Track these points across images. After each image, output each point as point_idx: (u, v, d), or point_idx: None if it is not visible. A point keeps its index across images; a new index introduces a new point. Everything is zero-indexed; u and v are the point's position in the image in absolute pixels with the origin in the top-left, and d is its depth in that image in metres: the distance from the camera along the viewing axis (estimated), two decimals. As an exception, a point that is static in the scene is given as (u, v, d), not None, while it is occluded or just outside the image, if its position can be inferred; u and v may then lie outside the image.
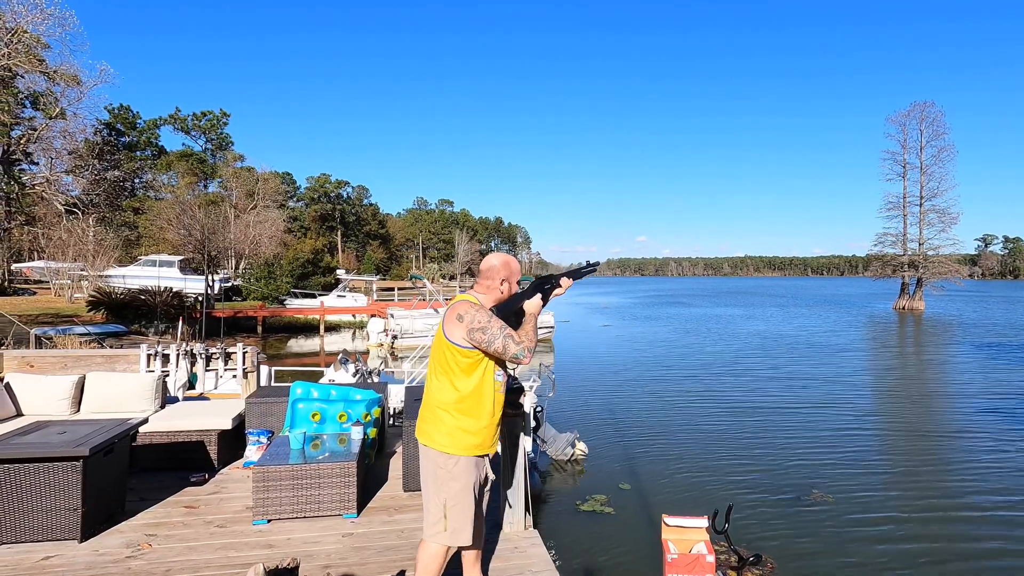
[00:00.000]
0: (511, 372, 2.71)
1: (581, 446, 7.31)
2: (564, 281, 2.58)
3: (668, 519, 3.52)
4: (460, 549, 2.57)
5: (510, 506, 3.42)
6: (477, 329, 2.30)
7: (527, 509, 3.52)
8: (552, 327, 22.31)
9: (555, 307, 27.49)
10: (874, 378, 14.99)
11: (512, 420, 3.41)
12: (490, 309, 2.41)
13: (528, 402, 5.13)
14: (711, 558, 3.30)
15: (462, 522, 2.39)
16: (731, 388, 12.82)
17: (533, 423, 6.16)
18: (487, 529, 3.47)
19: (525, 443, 3.68)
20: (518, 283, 2.54)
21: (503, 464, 3.35)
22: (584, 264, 2.68)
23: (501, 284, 2.47)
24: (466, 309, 2.36)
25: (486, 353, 2.35)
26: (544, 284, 2.58)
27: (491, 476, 2.57)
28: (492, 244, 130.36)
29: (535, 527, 3.50)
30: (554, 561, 3.15)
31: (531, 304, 2.45)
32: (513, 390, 2.64)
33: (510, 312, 2.47)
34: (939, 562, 5.05)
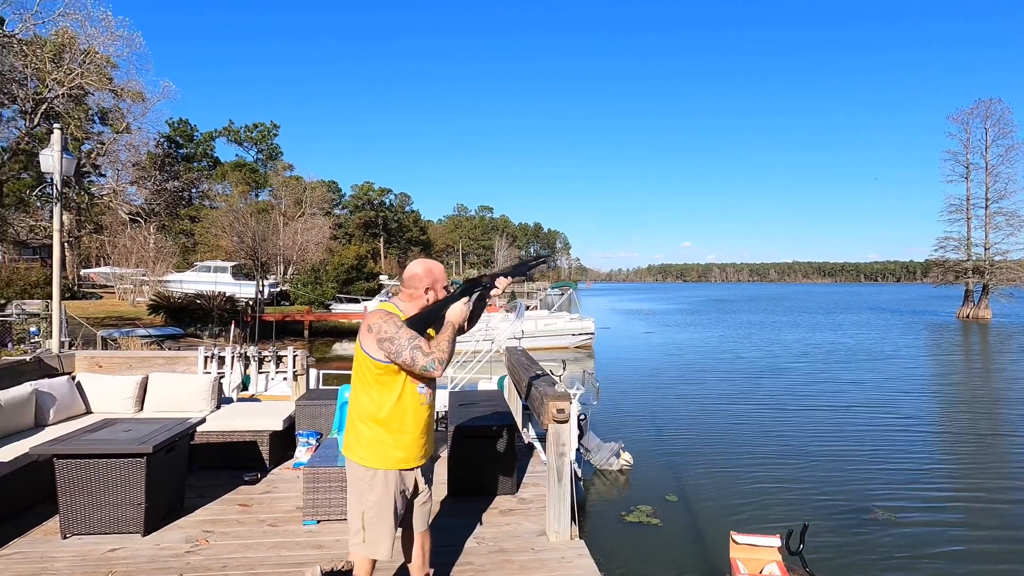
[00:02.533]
0: (440, 384, 2.63)
1: (626, 456, 7.17)
2: (500, 281, 2.47)
3: (737, 536, 3.32)
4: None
5: (556, 515, 3.38)
6: (385, 339, 2.22)
7: (573, 518, 3.46)
8: (592, 333, 22.09)
9: (594, 313, 27.27)
10: (936, 391, 14.16)
11: (558, 427, 3.38)
12: (413, 317, 2.30)
13: (573, 410, 5.07)
14: None
15: (380, 534, 2.35)
16: (780, 398, 12.35)
17: (577, 431, 6.08)
18: (531, 537, 3.45)
19: (570, 452, 3.62)
20: (445, 288, 2.44)
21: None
22: (530, 259, 2.55)
23: (426, 292, 2.39)
24: (375, 319, 2.27)
25: (400, 367, 2.27)
26: (473, 287, 2.43)
27: (422, 487, 2.52)
28: (531, 249, 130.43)
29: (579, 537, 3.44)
30: (600, 572, 3.08)
31: (452, 312, 2.33)
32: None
33: (435, 319, 2.33)
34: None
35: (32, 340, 13.28)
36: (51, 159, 5.49)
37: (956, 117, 41.58)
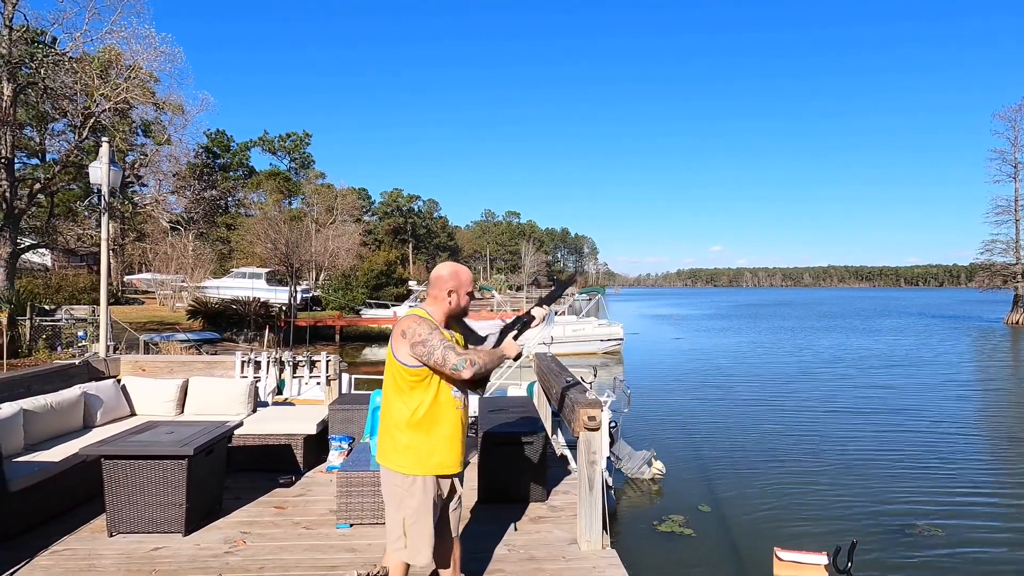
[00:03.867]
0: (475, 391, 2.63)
1: (658, 465, 7.06)
2: (537, 311, 2.58)
3: (781, 553, 3.23)
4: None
5: (587, 523, 3.35)
6: (418, 342, 2.25)
7: (605, 527, 3.43)
8: (621, 339, 21.88)
9: (623, 319, 27.01)
10: (983, 400, 13.53)
11: (589, 434, 3.35)
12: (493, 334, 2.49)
13: (604, 417, 5.02)
14: None
15: (420, 540, 2.36)
16: (814, 405, 11.99)
17: (608, 439, 6.01)
18: (562, 545, 3.42)
19: (601, 460, 3.59)
20: (469, 294, 2.47)
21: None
22: (553, 286, 2.67)
23: (449, 296, 2.39)
24: (408, 323, 2.30)
25: (432, 369, 2.29)
26: (514, 326, 2.54)
27: (459, 490, 2.54)
28: (559, 255, 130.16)
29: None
30: (634, 584, 3.04)
31: (508, 344, 2.46)
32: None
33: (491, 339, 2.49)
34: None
35: (80, 344, 13.86)
36: (99, 171, 5.74)
37: (1003, 114, 39.84)
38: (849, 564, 2.68)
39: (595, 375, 6.66)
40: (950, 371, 17.30)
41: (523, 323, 2.55)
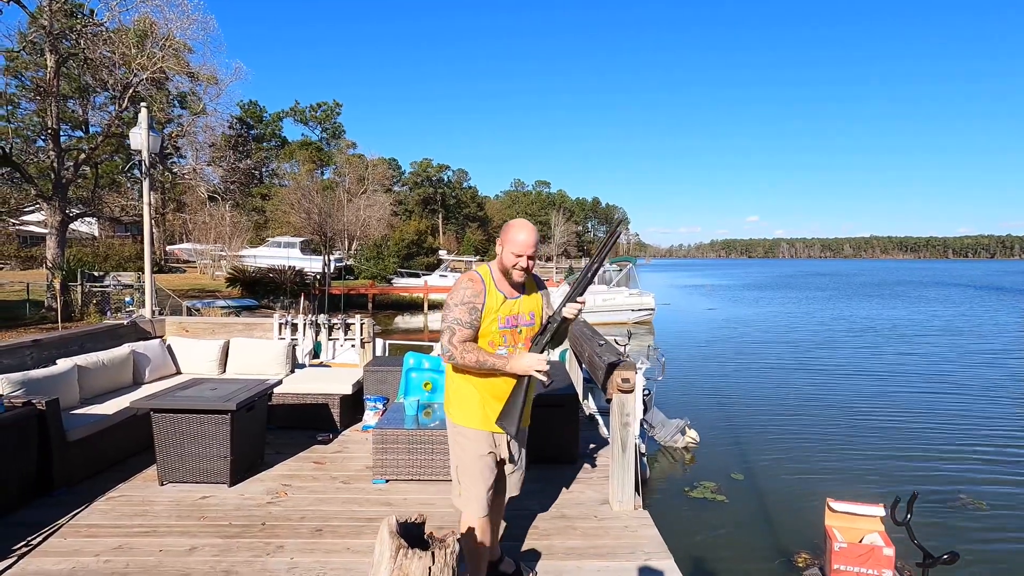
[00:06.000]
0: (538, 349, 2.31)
1: (692, 434, 7.00)
2: (568, 310, 2.26)
3: (834, 504, 3.16)
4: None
5: (620, 484, 3.35)
6: (445, 303, 2.28)
7: (636, 490, 3.43)
8: (652, 309, 21.66)
9: (654, 289, 26.66)
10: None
11: (623, 397, 3.32)
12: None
13: (638, 382, 4.98)
14: (889, 551, 2.90)
15: (470, 491, 2.35)
16: (853, 378, 11.68)
17: (641, 406, 5.99)
18: (594, 505, 3.45)
19: (634, 423, 3.57)
20: (518, 255, 2.24)
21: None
22: (588, 270, 2.29)
23: (500, 249, 2.32)
24: (458, 280, 2.32)
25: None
26: (542, 333, 2.29)
27: (515, 454, 2.46)
28: (589, 225, 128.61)
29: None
30: (665, 543, 3.04)
31: (519, 361, 2.19)
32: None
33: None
34: None
35: (127, 309, 14.47)
36: (139, 136, 5.85)
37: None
38: (908, 516, 2.56)
39: (628, 339, 6.59)
40: (995, 345, 16.57)
41: (557, 323, 2.27)
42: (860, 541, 2.98)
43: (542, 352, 2.27)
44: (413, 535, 1.71)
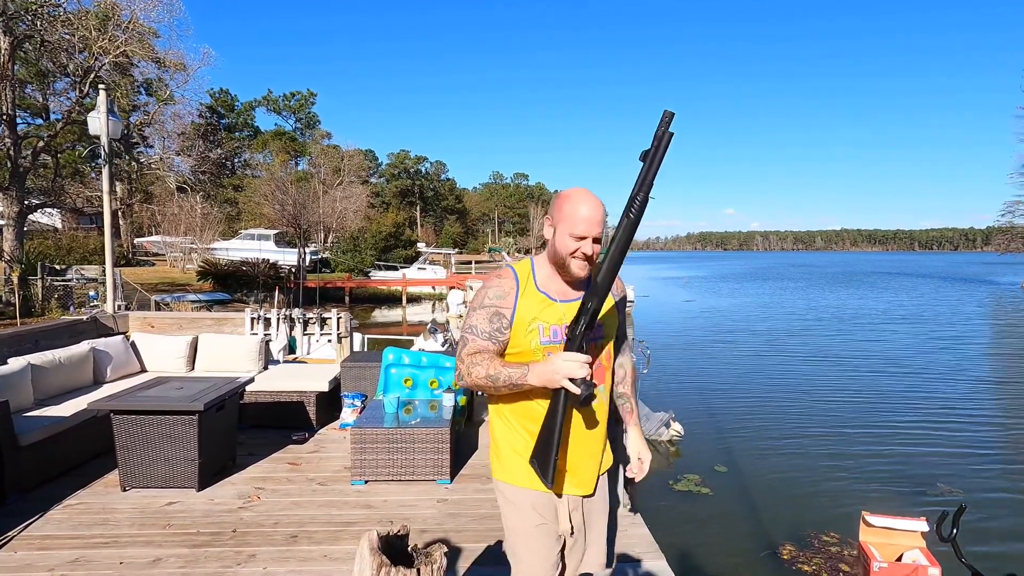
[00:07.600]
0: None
1: (676, 427, 6.98)
2: (601, 283, 1.43)
3: (870, 518, 2.92)
4: None
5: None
6: (468, 308, 1.64)
7: (625, 488, 3.34)
8: (632, 301, 21.76)
9: (632, 282, 26.75)
10: (1001, 363, 13.34)
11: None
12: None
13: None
14: (936, 572, 2.66)
15: (519, 570, 1.62)
16: (830, 368, 11.87)
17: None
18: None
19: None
20: (579, 237, 1.50)
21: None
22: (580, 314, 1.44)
23: (549, 232, 1.62)
24: (486, 281, 1.64)
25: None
26: (575, 326, 1.42)
27: (566, 528, 1.59)
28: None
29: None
30: (656, 543, 2.95)
31: (543, 370, 1.41)
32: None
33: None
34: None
35: (91, 304, 13.92)
36: (98, 120, 5.52)
37: (1033, 70, 38.19)
38: (954, 531, 2.24)
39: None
40: (970, 336, 17.05)
41: (589, 315, 1.43)
42: (899, 559, 2.79)
43: (579, 349, 1.44)
44: (396, 549, 1.57)
